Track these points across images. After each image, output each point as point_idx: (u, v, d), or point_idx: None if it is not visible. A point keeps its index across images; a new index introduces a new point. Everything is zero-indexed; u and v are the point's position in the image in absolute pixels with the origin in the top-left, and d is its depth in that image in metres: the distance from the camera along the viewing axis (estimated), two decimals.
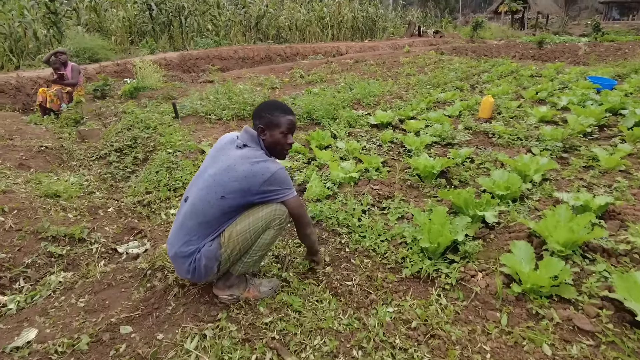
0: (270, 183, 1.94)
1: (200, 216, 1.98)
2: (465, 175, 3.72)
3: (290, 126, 2.09)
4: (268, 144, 2.08)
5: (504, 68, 10.11)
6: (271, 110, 2.08)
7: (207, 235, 1.99)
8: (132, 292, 2.28)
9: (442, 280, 2.34)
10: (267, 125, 2.06)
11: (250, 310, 2.11)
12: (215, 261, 1.99)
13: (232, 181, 1.92)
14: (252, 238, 1.98)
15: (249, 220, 1.96)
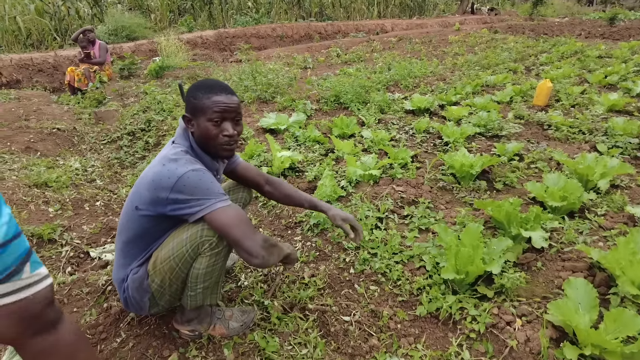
0: (178, 190, 1.40)
1: (122, 232, 1.57)
2: (512, 177, 3.06)
3: (220, 110, 1.49)
4: (197, 137, 1.55)
5: (566, 48, 8.95)
6: (195, 90, 1.53)
7: (134, 260, 1.58)
8: (85, 313, 1.90)
9: (467, 324, 1.79)
10: (192, 113, 1.53)
11: (212, 351, 1.67)
12: (145, 292, 1.56)
13: (143, 188, 1.47)
14: (181, 267, 1.49)
15: (173, 244, 1.48)
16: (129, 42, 10.74)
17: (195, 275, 1.51)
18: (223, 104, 1.49)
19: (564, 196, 2.53)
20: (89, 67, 6.89)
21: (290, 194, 1.94)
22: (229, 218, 1.42)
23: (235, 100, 1.55)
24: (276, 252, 1.54)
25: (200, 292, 1.56)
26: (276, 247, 1.54)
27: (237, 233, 1.41)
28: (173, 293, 1.59)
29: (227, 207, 1.43)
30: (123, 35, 11.20)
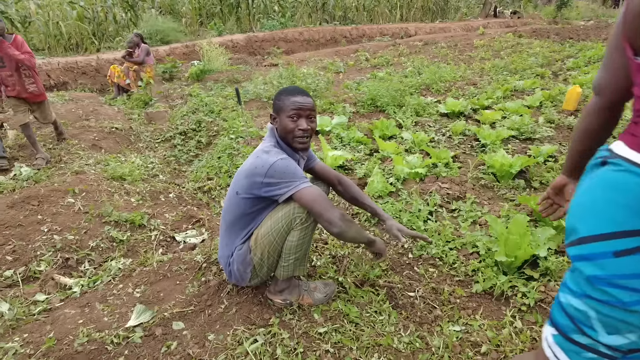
0: (270, 175, 1.74)
1: (226, 215, 1.95)
2: (548, 177, 3.32)
3: (297, 108, 1.81)
4: (279, 132, 1.89)
5: (593, 53, 9.08)
6: (279, 94, 1.88)
7: (237, 238, 1.94)
8: (187, 285, 2.25)
9: (518, 299, 2.07)
10: (276, 112, 1.88)
11: (304, 316, 1.99)
12: (247, 265, 1.91)
13: (242, 177, 1.84)
14: (278, 241, 1.83)
15: (271, 222, 1.83)
16: (163, 46, 11.23)
17: (288, 247, 1.84)
18: (297, 104, 1.83)
19: None
20: (128, 66, 7.37)
21: (356, 197, 2.24)
22: (312, 195, 1.75)
23: (310, 101, 1.88)
24: (354, 227, 1.82)
25: (292, 262, 1.89)
26: (354, 224, 1.83)
27: (319, 207, 1.74)
28: (270, 265, 1.93)
29: (309, 187, 1.77)
30: (157, 39, 11.70)
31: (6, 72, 3.87)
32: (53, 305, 2.16)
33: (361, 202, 2.24)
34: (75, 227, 2.77)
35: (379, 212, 2.21)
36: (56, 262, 2.50)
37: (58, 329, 1.95)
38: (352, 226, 1.81)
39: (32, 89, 4.05)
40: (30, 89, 4.03)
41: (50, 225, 2.80)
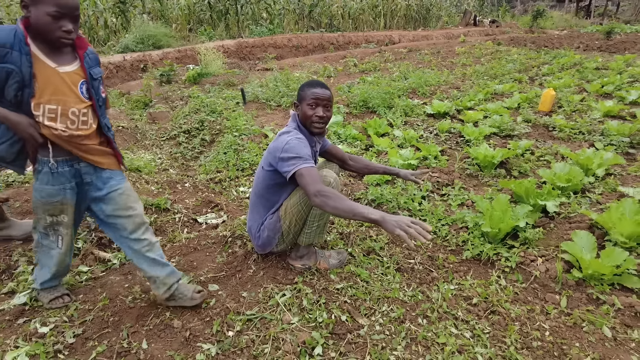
0: (285, 151, 2.04)
1: (255, 188, 2.30)
2: (525, 167, 3.75)
3: (315, 97, 2.14)
4: (301, 118, 2.23)
5: (566, 60, 9.71)
6: (303, 86, 2.24)
7: (267, 209, 2.27)
8: (216, 256, 2.56)
9: (502, 263, 2.46)
10: (299, 101, 2.24)
11: (323, 277, 2.33)
12: (277, 232, 2.25)
13: (267, 153, 2.21)
14: (305, 209, 2.16)
15: (300, 193, 2.14)
16: (156, 50, 11.44)
17: (313, 215, 2.18)
18: (316, 94, 2.17)
19: (569, 179, 3.20)
20: None
21: (368, 164, 2.66)
22: (303, 173, 1.95)
23: (328, 93, 2.21)
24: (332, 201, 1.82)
25: (314, 229, 2.23)
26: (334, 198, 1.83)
27: (304, 182, 1.93)
28: (295, 232, 2.26)
29: (307, 167, 1.96)
30: (149, 44, 11.90)
31: None
32: (96, 275, 2.44)
33: (374, 167, 2.68)
34: None
35: (390, 169, 2.67)
36: (91, 241, 2.77)
37: (108, 291, 2.24)
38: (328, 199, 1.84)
39: None
40: None
41: None
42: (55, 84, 1.67)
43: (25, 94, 1.62)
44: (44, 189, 1.78)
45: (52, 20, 1.59)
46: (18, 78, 1.58)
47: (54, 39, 1.64)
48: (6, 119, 1.62)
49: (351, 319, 2.01)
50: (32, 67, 1.60)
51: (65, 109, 1.70)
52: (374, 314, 2.06)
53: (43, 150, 1.74)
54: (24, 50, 1.59)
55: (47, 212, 1.83)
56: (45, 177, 1.77)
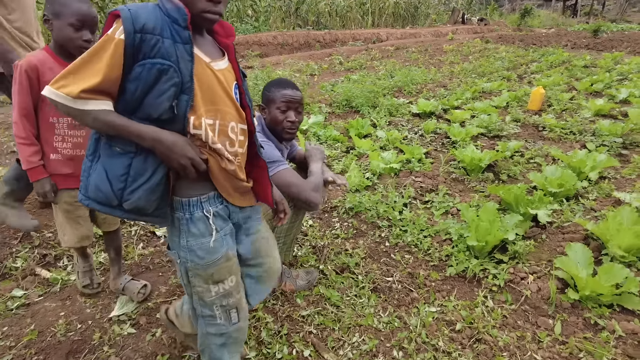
0: None
1: None
2: (515, 170, 3.51)
3: (286, 100, 1.84)
4: (268, 123, 1.91)
5: (554, 58, 9.55)
6: (269, 86, 1.92)
7: None
8: (170, 276, 2.28)
9: (489, 281, 2.20)
10: (265, 103, 1.92)
11: (287, 301, 2.05)
12: None
13: None
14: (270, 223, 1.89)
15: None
16: None
17: (279, 231, 1.91)
18: (287, 96, 1.87)
19: (561, 184, 2.97)
20: None
21: None
22: (288, 177, 1.79)
23: (299, 94, 1.92)
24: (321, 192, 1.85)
25: (280, 247, 1.95)
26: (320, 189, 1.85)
27: (294, 190, 1.78)
28: None
29: (287, 169, 1.81)
30: None
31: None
32: (32, 300, 2.14)
33: None
34: (52, 224, 2.74)
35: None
36: (33, 259, 2.47)
37: (39, 322, 1.94)
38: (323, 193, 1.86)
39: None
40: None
41: None
42: (212, 87, 1.13)
43: (181, 105, 1.05)
44: (201, 244, 1.18)
45: None
46: (177, 79, 1.03)
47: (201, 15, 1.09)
48: (158, 140, 1.03)
49: (316, 354, 1.74)
50: (193, 62, 1.06)
51: (224, 124, 1.16)
52: (342, 347, 1.79)
53: (195, 185, 1.17)
54: (182, 37, 1.04)
55: (210, 280, 1.22)
56: (200, 226, 1.17)
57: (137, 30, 0.99)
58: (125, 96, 1.04)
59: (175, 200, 1.16)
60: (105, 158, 1.07)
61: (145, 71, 1.00)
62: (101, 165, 1.07)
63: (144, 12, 1.01)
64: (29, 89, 1.61)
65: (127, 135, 1.03)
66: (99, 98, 1.01)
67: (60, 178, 1.76)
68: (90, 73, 0.99)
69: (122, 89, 1.03)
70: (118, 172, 1.05)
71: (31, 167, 1.65)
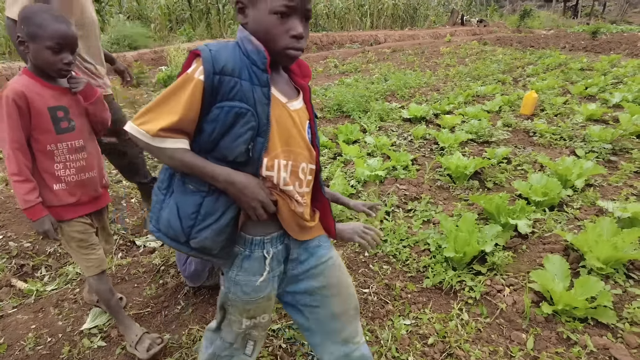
0: None
1: None
2: (501, 178, 3.49)
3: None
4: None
5: (551, 60, 9.53)
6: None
7: None
8: (145, 288, 2.27)
9: (465, 293, 2.18)
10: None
11: None
12: (206, 265, 1.98)
13: None
14: None
15: None
16: (131, 51, 11.07)
17: None
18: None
19: (546, 192, 2.95)
20: None
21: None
22: None
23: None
24: None
25: None
26: None
27: None
28: None
29: None
30: (125, 44, 11.53)
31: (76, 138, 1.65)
32: (5, 312, 2.13)
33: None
34: (32, 234, 2.73)
35: (341, 199, 2.24)
36: (10, 269, 2.46)
37: (9, 335, 1.93)
38: None
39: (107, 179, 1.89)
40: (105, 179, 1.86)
41: (5, 232, 2.75)
42: (288, 128, 1.11)
43: (257, 147, 1.04)
44: (249, 282, 1.15)
45: (279, 20, 1.03)
46: (253, 123, 1.02)
47: (284, 52, 1.06)
48: (231, 182, 1.02)
49: None
50: (269, 106, 1.05)
51: (295, 165, 1.13)
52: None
53: (262, 225, 1.14)
54: (261, 80, 1.03)
55: (245, 314, 1.21)
56: (255, 265, 1.15)
57: (216, 72, 0.98)
58: (202, 136, 1.04)
59: (240, 235, 1.14)
60: (178, 194, 1.07)
61: (222, 114, 1.00)
62: (174, 201, 1.07)
63: (224, 53, 1.01)
64: (19, 119, 1.47)
65: (201, 175, 1.03)
66: (176, 137, 1.01)
67: (67, 209, 1.64)
68: (168, 112, 0.99)
69: (199, 129, 1.03)
70: (189, 210, 1.05)
71: (29, 206, 1.51)
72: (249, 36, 1.04)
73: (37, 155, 1.55)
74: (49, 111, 1.53)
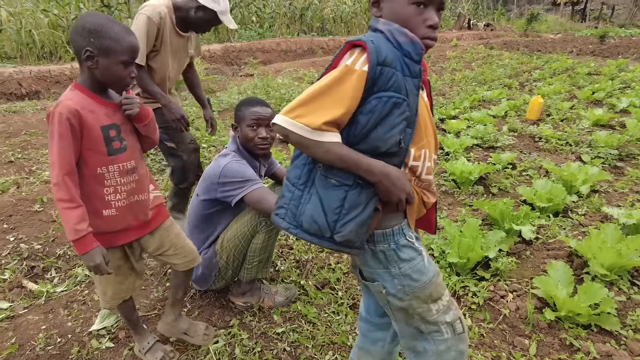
0: (224, 176, 1.87)
1: (190, 220, 2.06)
2: (505, 183, 3.50)
3: (256, 118, 1.93)
4: (241, 141, 2.00)
5: (558, 65, 9.50)
6: (239, 105, 2.02)
7: (201, 242, 2.02)
8: (152, 290, 2.30)
9: (469, 298, 2.20)
10: (237, 122, 2.01)
11: (264, 317, 2.07)
12: (213, 269, 2.02)
13: (202, 180, 1.99)
14: (243, 243, 1.94)
15: (237, 226, 1.94)
16: None
17: (253, 250, 1.94)
18: (256, 114, 1.95)
19: (550, 198, 2.96)
20: None
21: None
22: (259, 195, 1.84)
23: (269, 111, 1.99)
24: None
25: (255, 265, 1.98)
26: None
27: (267, 204, 1.81)
28: (235, 268, 2.01)
29: (258, 188, 1.86)
30: None
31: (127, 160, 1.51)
32: (16, 313, 2.18)
33: None
34: (42, 236, 2.79)
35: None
36: (22, 271, 2.51)
37: (20, 335, 1.97)
38: None
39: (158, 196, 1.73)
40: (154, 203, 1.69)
41: (17, 235, 2.81)
42: (425, 119, 1.14)
43: (407, 138, 1.06)
44: (414, 267, 1.15)
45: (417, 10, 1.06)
46: (408, 113, 1.04)
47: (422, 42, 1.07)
48: (386, 174, 1.02)
49: None
50: (418, 97, 1.07)
51: (430, 153, 1.16)
52: None
53: (392, 217, 1.14)
54: (413, 71, 1.05)
55: (429, 300, 1.18)
56: (408, 251, 1.15)
57: (379, 63, 0.99)
58: (354, 128, 1.04)
59: (377, 234, 1.13)
60: (320, 189, 1.06)
61: (380, 104, 1.01)
62: (316, 197, 1.06)
63: (383, 45, 1.02)
64: (72, 140, 1.32)
65: (355, 169, 1.02)
66: (334, 130, 1.01)
67: (113, 236, 1.51)
68: (331, 104, 0.99)
69: (352, 120, 1.03)
70: (333, 204, 1.05)
71: (80, 236, 1.32)
72: (401, 28, 1.04)
73: (85, 179, 1.41)
74: (102, 130, 1.40)
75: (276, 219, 1.15)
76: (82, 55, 1.33)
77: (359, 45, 1.02)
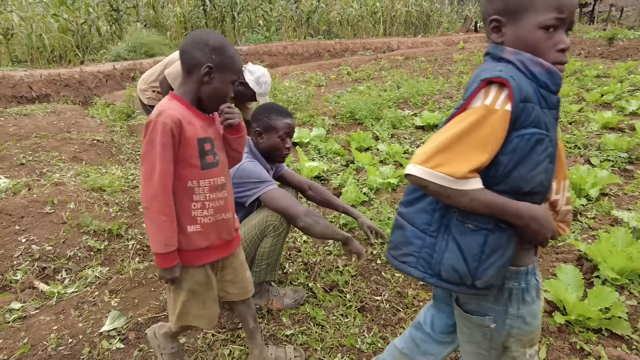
0: (239, 177, 1.90)
1: None
2: None
3: (289, 129, 2.06)
4: (265, 148, 2.05)
5: (566, 67, 9.42)
6: (269, 113, 2.06)
7: None
8: (161, 292, 2.32)
9: None
10: (265, 129, 2.04)
11: (273, 319, 2.08)
12: None
13: None
14: (251, 247, 1.96)
15: (245, 230, 1.95)
16: (147, 59, 11.30)
17: (261, 253, 1.95)
18: (290, 127, 2.06)
19: None
20: None
21: (329, 199, 2.38)
22: (276, 194, 1.92)
23: (294, 124, 2.11)
24: (322, 223, 1.92)
25: (264, 268, 1.99)
26: (321, 220, 1.93)
27: (284, 203, 1.90)
28: None
29: (275, 189, 1.93)
30: (142, 52, 11.77)
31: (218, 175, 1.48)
32: (28, 313, 2.21)
33: (334, 204, 2.39)
34: (53, 238, 2.82)
35: (351, 211, 2.37)
36: (33, 272, 2.54)
37: (32, 335, 2.00)
38: (319, 221, 1.92)
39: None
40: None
41: (28, 236, 2.84)
42: (561, 148, 1.08)
43: (549, 175, 1.00)
44: (530, 311, 1.09)
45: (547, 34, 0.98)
46: (551, 149, 0.97)
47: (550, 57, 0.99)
48: (534, 217, 0.96)
49: None
50: (556, 129, 1.01)
51: (568, 183, 1.13)
52: None
53: (528, 253, 1.08)
54: (549, 103, 0.98)
55: (528, 344, 1.14)
56: (533, 293, 1.09)
57: (522, 100, 0.92)
58: (494, 170, 0.97)
59: (510, 271, 1.05)
60: (458, 235, 1.01)
61: (523, 142, 0.93)
62: (454, 244, 1.01)
63: (522, 79, 0.94)
64: (172, 150, 1.30)
65: (501, 214, 0.96)
66: (476, 176, 0.94)
67: (195, 254, 1.43)
68: (474, 150, 0.92)
69: (493, 161, 0.95)
70: (473, 250, 0.99)
71: (168, 251, 1.31)
72: (534, 57, 0.97)
73: (175, 192, 1.35)
74: (198, 143, 1.37)
75: (405, 267, 1.08)
76: (202, 69, 1.33)
77: (496, 81, 0.93)
